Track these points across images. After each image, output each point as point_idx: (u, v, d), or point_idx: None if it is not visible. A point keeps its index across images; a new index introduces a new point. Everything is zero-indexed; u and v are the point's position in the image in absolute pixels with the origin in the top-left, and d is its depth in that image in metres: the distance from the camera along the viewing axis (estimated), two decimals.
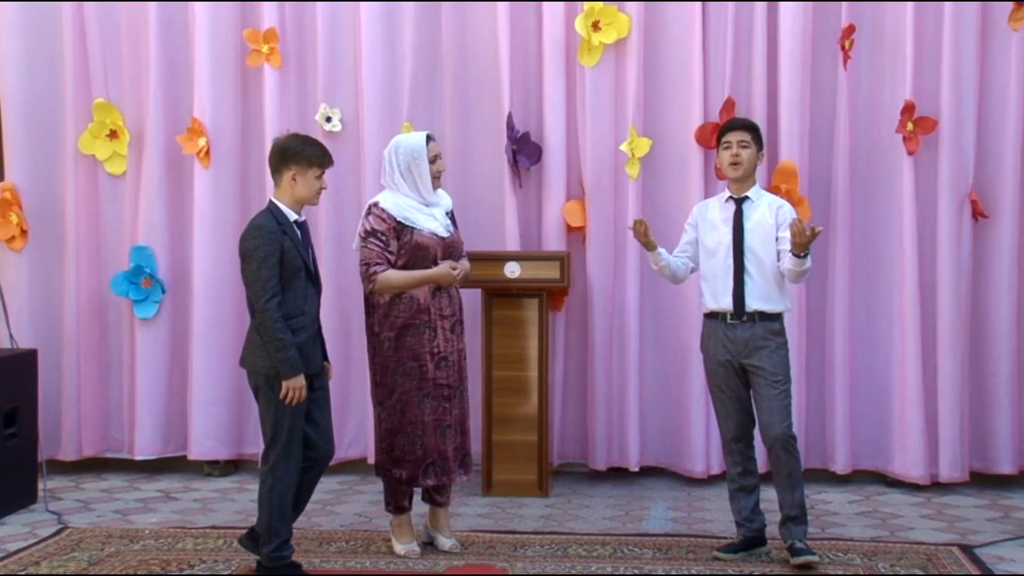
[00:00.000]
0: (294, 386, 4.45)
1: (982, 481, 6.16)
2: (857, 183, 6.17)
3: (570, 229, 6.32)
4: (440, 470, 4.93)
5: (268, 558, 4.57)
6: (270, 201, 4.64)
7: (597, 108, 6.26)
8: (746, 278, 4.80)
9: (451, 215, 5.09)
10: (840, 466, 6.18)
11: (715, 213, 4.95)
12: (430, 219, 4.93)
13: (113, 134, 6.57)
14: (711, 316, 4.91)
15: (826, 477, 6.23)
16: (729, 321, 4.83)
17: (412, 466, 4.91)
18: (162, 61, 6.51)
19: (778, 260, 4.80)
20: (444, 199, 5.08)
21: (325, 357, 4.78)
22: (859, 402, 6.25)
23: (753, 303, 4.80)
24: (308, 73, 6.54)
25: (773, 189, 5.82)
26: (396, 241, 4.86)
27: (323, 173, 4.63)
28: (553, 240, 6.32)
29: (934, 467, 6.09)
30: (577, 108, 6.33)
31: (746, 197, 4.88)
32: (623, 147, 6.22)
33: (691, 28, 6.20)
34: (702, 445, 6.21)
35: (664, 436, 6.37)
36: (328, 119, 6.44)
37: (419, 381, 4.88)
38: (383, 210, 4.88)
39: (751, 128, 4.94)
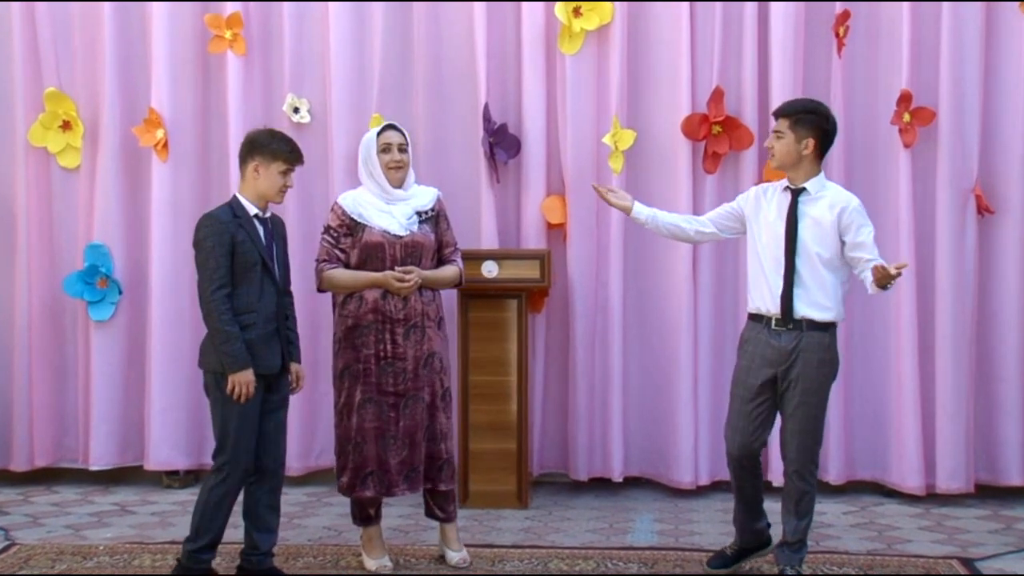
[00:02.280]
0: (240, 380, 4.47)
1: (988, 493, 6.14)
2: (852, 177, 6.13)
3: (550, 226, 6.29)
4: (379, 482, 4.89)
5: (187, 555, 4.60)
6: (233, 195, 4.69)
7: (578, 99, 6.22)
8: (796, 280, 4.58)
9: (429, 213, 5.04)
10: (834, 476, 6.15)
11: (772, 202, 4.71)
12: (386, 216, 4.91)
13: (66, 125, 6.49)
14: (755, 317, 4.72)
15: (820, 487, 6.18)
16: (774, 327, 4.64)
17: (351, 474, 4.91)
18: (117, 47, 6.42)
19: (855, 269, 4.60)
20: (421, 196, 5.05)
21: (295, 360, 4.80)
22: (854, 408, 6.23)
23: (802, 309, 4.59)
24: (274, 61, 6.48)
25: (764, 182, 5.77)
26: (350, 238, 4.92)
27: (289, 170, 4.66)
28: (533, 238, 6.28)
29: (933, 477, 6.07)
30: (557, 99, 6.28)
31: (803, 189, 4.64)
32: (606, 140, 6.18)
33: (677, 14, 6.16)
34: (690, 454, 6.18)
35: (649, 445, 6.34)
36: (296, 110, 6.39)
37: (363, 385, 4.87)
38: (339, 206, 4.98)
39: (791, 114, 4.63)
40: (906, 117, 5.98)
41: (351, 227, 4.91)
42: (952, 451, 6.03)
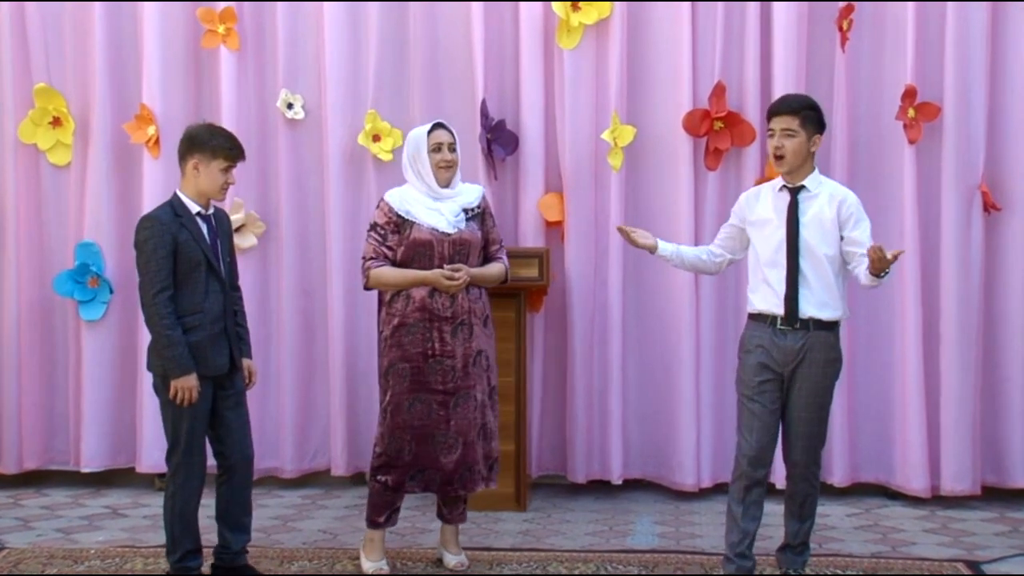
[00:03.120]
0: (182, 386, 4.48)
1: (994, 495, 6.12)
2: (856, 174, 6.11)
3: (548, 224, 6.26)
4: (429, 479, 4.87)
5: (174, 568, 4.62)
6: (174, 192, 4.66)
7: (577, 94, 6.19)
8: (801, 280, 4.52)
9: (476, 210, 5.01)
10: (839, 478, 6.12)
11: (767, 203, 4.64)
12: (434, 214, 4.89)
13: (56, 121, 6.45)
14: (757, 318, 4.63)
15: (823, 489, 6.14)
16: (779, 327, 4.55)
17: (399, 472, 4.87)
18: (108, 42, 6.39)
19: (848, 263, 4.56)
20: (468, 193, 5.04)
21: (246, 356, 4.82)
22: (859, 410, 6.19)
23: (808, 309, 4.52)
24: (268, 56, 6.44)
25: (767, 180, 5.73)
26: (397, 235, 4.89)
27: (231, 167, 4.63)
28: (531, 236, 6.25)
29: (938, 479, 6.04)
30: (556, 94, 6.25)
31: (802, 187, 4.57)
32: (605, 136, 6.15)
33: (678, 8, 6.13)
34: (692, 456, 6.14)
35: (650, 446, 6.30)
36: (290, 106, 6.35)
37: (411, 383, 4.84)
38: (386, 203, 4.94)
39: (799, 111, 4.54)
40: (911, 113, 5.95)
41: (398, 224, 4.88)
42: (957, 452, 5.99)
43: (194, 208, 4.59)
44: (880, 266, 4.36)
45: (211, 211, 4.67)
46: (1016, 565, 5.07)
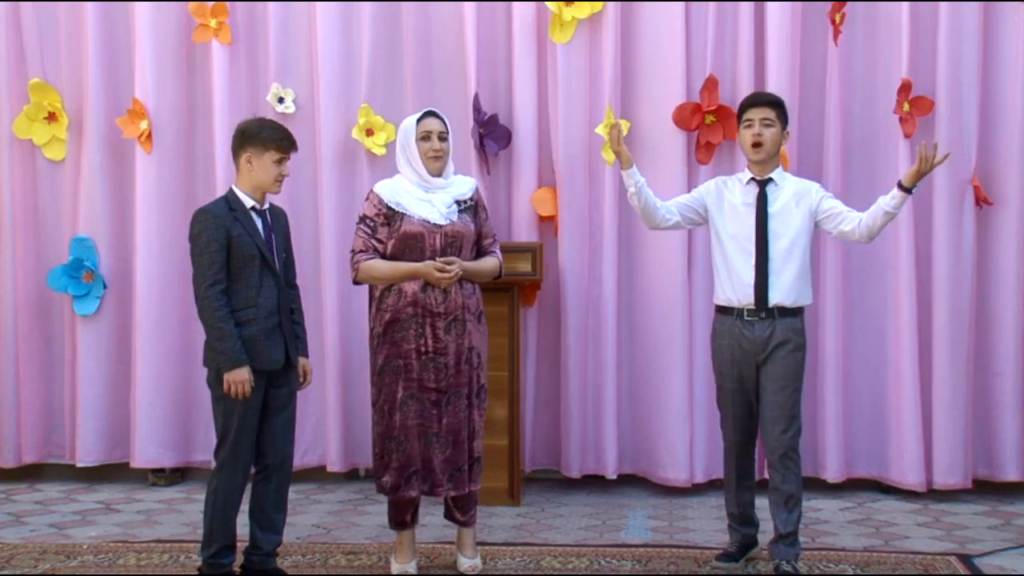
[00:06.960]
0: (235, 380, 4.43)
1: (986, 488, 6.13)
2: (849, 169, 6.12)
3: (541, 219, 6.26)
4: (423, 481, 4.75)
5: (206, 564, 4.59)
6: (230, 187, 4.64)
7: (570, 88, 6.19)
8: (770, 269, 4.68)
9: (468, 202, 4.89)
10: (833, 473, 6.12)
11: (735, 195, 4.81)
12: (426, 205, 4.76)
13: (52, 117, 6.48)
14: (725, 310, 4.79)
15: (817, 484, 6.16)
16: (746, 317, 4.70)
17: (396, 474, 4.76)
18: (102, 36, 6.41)
19: (836, 229, 4.74)
20: (460, 185, 4.91)
21: (302, 354, 4.79)
22: (853, 405, 6.20)
23: (776, 297, 4.67)
24: (259, 50, 6.46)
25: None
26: (387, 228, 4.77)
27: (284, 159, 4.60)
28: (524, 231, 6.26)
29: (931, 473, 6.05)
30: (549, 88, 6.25)
31: (770, 179, 4.76)
32: (599, 130, 6.15)
33: (672, 2, 6.12)
34: (684, 451, 6.15)
35: (643, 442, 6.30)
36: (280, 100, 6.35)
37: (404, 381, 4.73)
38: (376, 194, 4.82)
39: (776, 104, 4.79)
40: (906, 106, 5.95)
41: (389, 216, 4.74)
42: (950, 446, 6.01)
43: (248, 202, 4.56)
44: (926, 168, 4.53)
45: (266, 206, 4.63)
46: (1009, 559, 5.08)
